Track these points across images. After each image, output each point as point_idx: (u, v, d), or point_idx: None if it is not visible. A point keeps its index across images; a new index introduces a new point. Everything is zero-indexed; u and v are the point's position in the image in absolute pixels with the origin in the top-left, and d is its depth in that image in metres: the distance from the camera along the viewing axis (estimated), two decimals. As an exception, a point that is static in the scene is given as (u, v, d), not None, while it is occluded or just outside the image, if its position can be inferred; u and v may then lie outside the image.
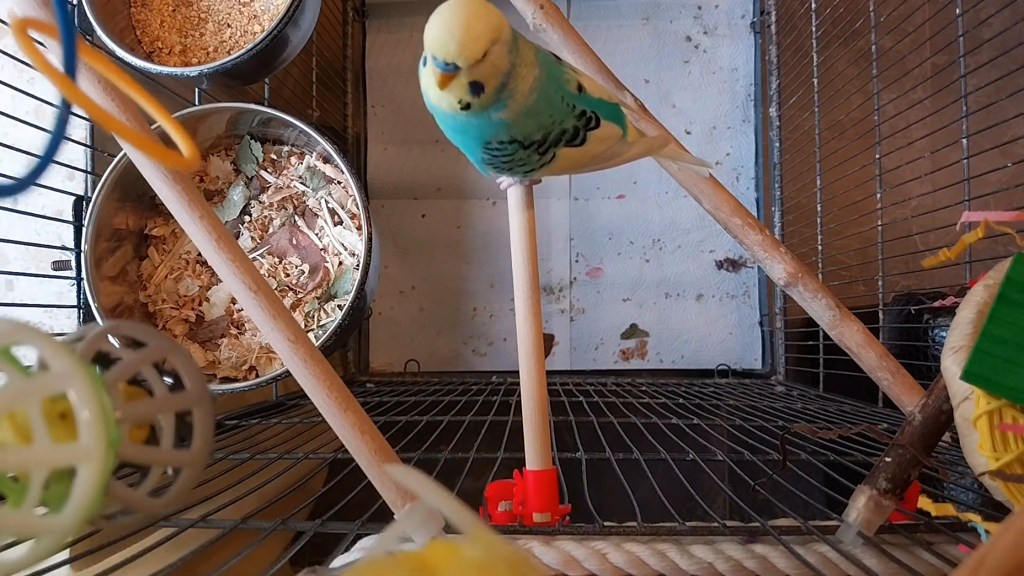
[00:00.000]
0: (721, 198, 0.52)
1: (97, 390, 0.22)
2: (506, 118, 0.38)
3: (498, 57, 0.36)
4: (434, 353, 1.12)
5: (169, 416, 0.26)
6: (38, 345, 0.23)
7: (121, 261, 0.77)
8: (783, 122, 1.05)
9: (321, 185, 0.83)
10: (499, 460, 0.59)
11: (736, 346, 1.11)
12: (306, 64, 1.00)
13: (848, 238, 0.90)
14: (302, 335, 0.40)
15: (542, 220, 1.12)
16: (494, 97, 0.37)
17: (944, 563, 0.39)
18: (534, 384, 0.46)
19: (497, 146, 0.40)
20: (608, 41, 1.13)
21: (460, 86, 0.37)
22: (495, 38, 0.35)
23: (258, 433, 0.72)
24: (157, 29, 0.77)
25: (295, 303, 0.80)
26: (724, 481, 0.54)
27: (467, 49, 0.35)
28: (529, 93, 0.38)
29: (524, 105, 0.38)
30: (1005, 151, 0.79)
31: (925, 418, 0.39)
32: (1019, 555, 0.22)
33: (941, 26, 0.76)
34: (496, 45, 0.35)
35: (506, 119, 0.38)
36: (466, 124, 0.39)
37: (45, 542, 0.22)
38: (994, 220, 0.38)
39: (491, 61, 0.36)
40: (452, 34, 0.35)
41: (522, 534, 0.44)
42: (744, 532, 0.43)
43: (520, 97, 0.38)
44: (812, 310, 0.52)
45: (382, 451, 0.40)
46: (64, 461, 0.22)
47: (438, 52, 0.35)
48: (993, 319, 0.35)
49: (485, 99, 0.37)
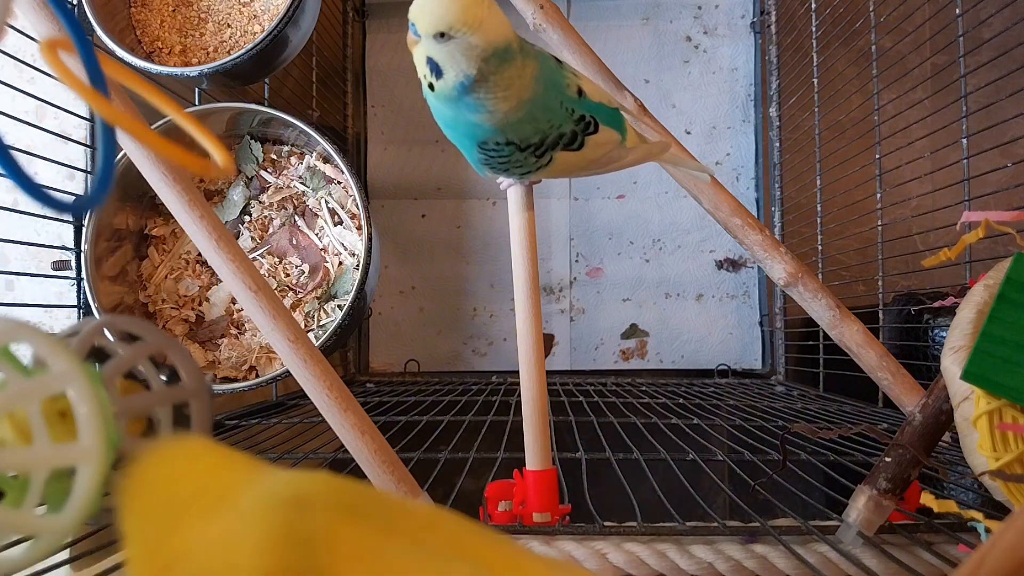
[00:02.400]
0: (721, 198, 0.52)
1: (96, 389, 0.22)
2: (489, 123, 0.38)
3: (462, 51, 0.35)
4: (434, 353, 1.12)
5: (166, 409, 0.26)
6: (38, 344, 0.23)
7: (121, 261, 0.77)
8: (783, 122, 1.05)
9: (321, 185, 0.83)
10: (499, 460, 0.59)
11: (736, 346, 1.11)
12: (306, 64, 1.00)
13: (848, 238, 0.90)
14: (302, 335, 0.40)
15: (542, 220, 1.12)
16: (456, 92, 0.37)
17: (944, 563, 0.39)
18: (534, 384, 0.46)
19: (493, 147, 0.40)
20: (608, 41, 1.13)
21: (420, 59, 0.37)
22: (459, 24, 0.34)
23: (258, 433, 0.72)
24: (157, 29, 0.77)
25: (295, 303, 0.80)
26: (724, 481, 0.54)
27: (424, 17, 0.35)
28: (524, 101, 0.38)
29: (519, 111, 0.38)
30: (1005, 151, 0.79)
31: (925, 418, 0.39)
32: (1019, 555, 0.22)
33: (941, 26, 0.76)
34: (462, 35, 0.35)
35: (490, 125, 0.38)
36: (454, 119, 0.39)
37: (45, 542, 0.22)
38: (994, 220, 0.38)
39: (450, 49, 0.35)
40: (422, 2, 0.35)
41: (522, 534, 0.44)
42: (744, 532, 0.43)
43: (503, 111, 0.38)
44: (812, 310, 0.52)
45: (382, 451, 0.40)
46: (64, 462, 0.22)
47: (414, 13, 0.36)
48: (993, 319, 0.35)
49: (445, 88, 0.37)
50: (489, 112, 0.37)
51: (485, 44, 0.35)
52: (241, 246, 0.42)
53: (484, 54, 0.36)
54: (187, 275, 0.80)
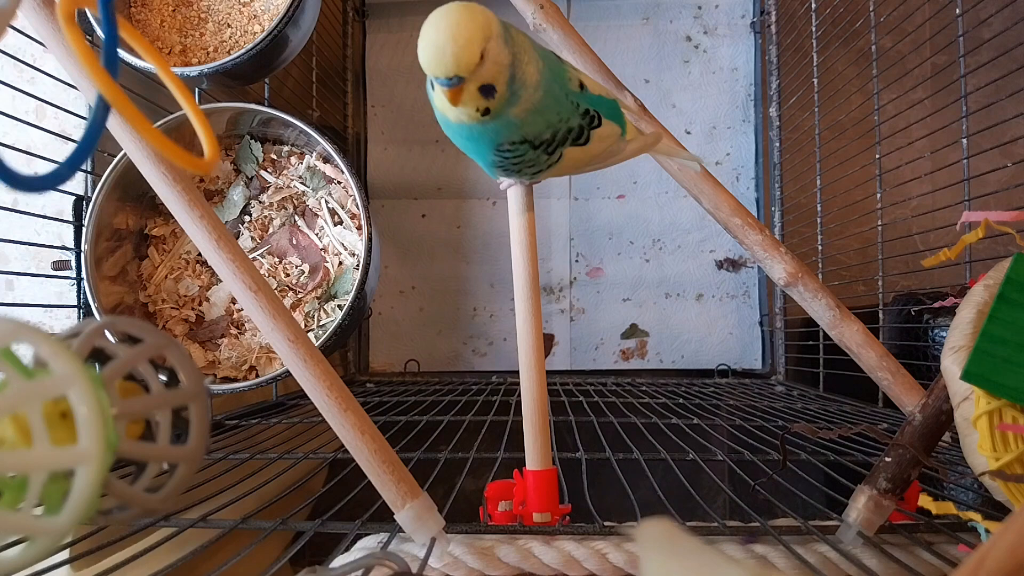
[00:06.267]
0: (721, 198, 0.52)
1: (97, 392, 0.22)
2: (518, 115, 0.38)
3: (497, 52, 0.35)
4: (434, 353, 1.12)
5: (165, 412, 0.26)
6: (39, 346, 0.23)
7: (121, 261, 0.77)
8: (783, 122, 1.05)
9: (321, 185, 0.83)
10: (499, 460, 0.59)
11: (736, 346, 1.11)
12: (306, 64, 1.00)
13: (848, 238, 0.90)
14: (302, 335, 0.40)
15: (542, 220, 1.12)
16: (508, 92, 0.37)
17: (944, 563, 0.39)
18: (534, 384, 0.46)
19: (508, 147, 0.40)
20: (608, 41, 1.13)
21: (471, 95, 0.36)
22: (487, 35, 0.35)
23: (258, 433, 0.72)
24: (157, 29, 0.77)
25: (295, 303, 0.80)
26: (724, 481, 0.54)
27: (463, 57, 0.34)
28: (536, 87, 0.38)
29: (533, 100, 0.38)
30: (1005, 151, 0.79)
31: (925, 418, 0.39)
32: (1019, 555, 0.22)
33: (941, 26, 0.76)
34: (490, 41, 0.35)
35: (518, 117, 0.38)
36: (481, 130, 0.39)
37: (42, 543, 0.22)
38: (994, 220, 0.38)
39: (491, 59, 0.35)
40: (443, 49, 0.34)
41: (522, 534, 0.44)
42: (744, 532, 0.43)
43: (530, 88, 0.37)
44: (812, 310, 0.52)
45: (382, 451, 0.40)
46: (63, 464, 0.22)
47: (437, 71, 0.35)
48: (993, 319, 0.35)
49: (500, 97, 0.37)
50: (524, 90, 0.37)
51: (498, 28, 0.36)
52: (241, 246, 0.42)
53: (502, 36, 0.36)
54: (187, 275, 0.80)
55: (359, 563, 0.32)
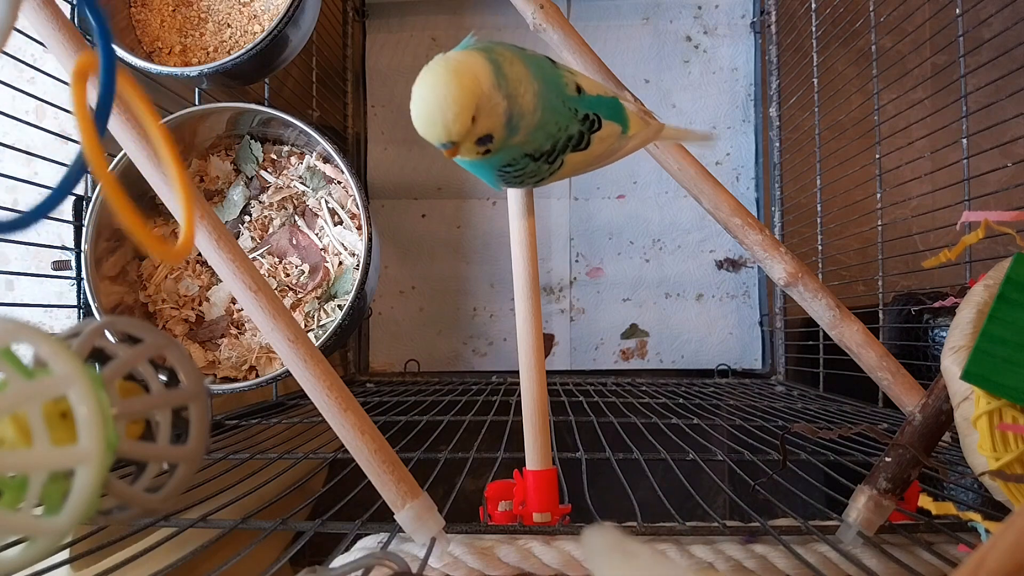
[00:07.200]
0: (721, 198, 0.52)
1: (97, 392, 0.22)
2: (519, 142, 0.38)
3: (490, 108, 0.35)
4: (434, 353, 1.12)
5: (165, 412, 0.26)
6: (40, 346, 0.23)
7: (121, 261, 0.77)
8: (783, 122, 1.05)
9: (321, 185, 0.83)
10: (499, 460, 0.59)
11: (736, 346, 1.11)
12: (306, 64, 1.00)
13: (848, 238, 0.90)
14: (302, 335, 0.40)
15: (542, 220, 1.12)
16: (506, 132, 0.37)
17: (944, 563, 0.39)
18: (534, 384, 0.46)
19: (509, 164, 0.40)
20: (608, 41, 1.13)
21: (468, 149, 0.36)
22: (476, 98, 0.34)
23: (258, 433, 0.72)
24: (157, 29, 0.77)
25: (295, 303, 0.80)
26: (724, 481, 0.54)
27: (454, 128, 0.34)
28: (535, 111, 0.38)
29: (532, 122, 0.38)
30: (1005, 151, 0.79)
31: (925, 418, 0.39)
32: (1019, 555, 0.22)
33: (941, 26, 0.76)
34: (481, 100, 0.34)
35: (519, 143, 0.38)
36: (483, 161, 0.39)
37: (42, 543, 0.22)
38: (994, 220, 0.38)
39: (484, 116, 0.35)
40: (433, 119, 0.34)
41: (522, 534, 0.44)
42: (744, 532, 0.43)
43: (528, 115, 0.37)
44: (812, 310, 0.52)
45: (382, 451, 0.40)
46: (63, 464, 0.22)
47: (430, 138, 0.35)
48: (993, 319, 0.35)
49: (499, 140, 0.37)
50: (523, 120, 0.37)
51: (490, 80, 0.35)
52: (241, 246, 0.42)
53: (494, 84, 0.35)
54: (187, 275, 0.80)
55: (359, 563, 0.33)
